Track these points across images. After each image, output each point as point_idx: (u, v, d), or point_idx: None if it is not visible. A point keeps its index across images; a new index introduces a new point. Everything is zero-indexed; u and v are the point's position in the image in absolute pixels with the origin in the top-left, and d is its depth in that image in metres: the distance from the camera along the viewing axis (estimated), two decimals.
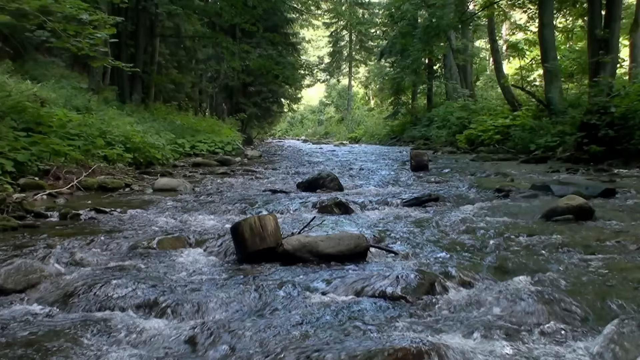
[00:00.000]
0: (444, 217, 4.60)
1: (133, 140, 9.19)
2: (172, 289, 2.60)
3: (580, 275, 2.83)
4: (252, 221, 3.22)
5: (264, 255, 3.19)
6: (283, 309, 2.38)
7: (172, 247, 3.49)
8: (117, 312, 2.39)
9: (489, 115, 18.52)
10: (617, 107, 9.87)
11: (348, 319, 2.28)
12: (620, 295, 2.46)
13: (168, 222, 4.40)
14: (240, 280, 2.78)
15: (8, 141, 6.41)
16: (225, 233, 3.66)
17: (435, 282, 2.69)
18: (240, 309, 2.41)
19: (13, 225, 4.02)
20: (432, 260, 3.21)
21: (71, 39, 7.27)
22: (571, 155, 10.61)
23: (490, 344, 2.00)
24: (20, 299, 2.59)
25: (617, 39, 13.39)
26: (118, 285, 2.60)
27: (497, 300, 2.42)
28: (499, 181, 7.14)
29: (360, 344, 1.91)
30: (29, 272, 2.80)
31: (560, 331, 2.10)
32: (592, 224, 4.21)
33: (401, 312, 2.38)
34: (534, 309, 2.28)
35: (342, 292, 2.62)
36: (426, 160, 9.66)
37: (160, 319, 2.31)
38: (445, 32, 20.33)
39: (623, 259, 3.13)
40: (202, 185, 7.30)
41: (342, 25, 49.25)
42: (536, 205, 5.10)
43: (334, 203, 5.02)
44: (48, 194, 5.65)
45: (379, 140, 29.09)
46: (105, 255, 3.32)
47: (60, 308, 2.46)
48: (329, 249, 3.20)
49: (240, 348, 1.97)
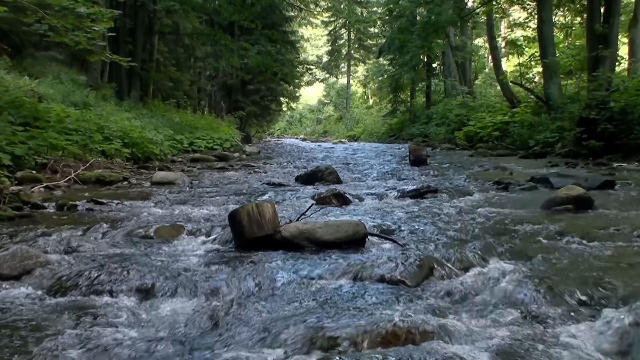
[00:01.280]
0: (443, 208, 4.59)
1: (131, 135, 9.16)
2: (169, 273, 2.58)
3: (579, 260, 2.82)
4: (250, 208, 3.19)
5: (262, 242, 3.17)
6: (280, 291, 2.37)
7: (170, 236, 3.47)
8: (114, 296, 2.37)
9: (487, 112, 18.49)
10: (616, 102, 9.85)
11: (346, 301, 2.27)
12: (620, 279, 2.44)
13: (166, 212, 4.38)
14: (238, 265, 2.76)
15: (5, 135, 6.38)
16: (223, 222, 3.64)
17: (434, 267, 2.67)
18: (238, 292, 2.39)
19: (9, 215, 3.99)
20: (432, 247, 3.19)
21: (69, 32, 7.24)
22: (570, 151, 10.58)
23: (490, 325, 1.99)
24: (15, 284, 2.56)
25: (616, 34, 13.38)
26: (115, 271, 2.58)
27: (497, 284, 2.41)
28: (498, 174, 7.12)
29: (359, 322, 1.89)
30: (25, 258, 2.78)
31: (558, 312, 2.09)
32: (592, 213, 4.20)
33: (400, 295, 2.36)
34: (532, 292, 2.27)
35: (341, 276, 2.61)
36: (425, 155, 9.64)
37: (157, 302, 2.29)
38: (444, 29, 20.30)
39: (623, 245, 3.11)
40: (200, 178, 7.28)
41: (341, 24, 49.19)
42: (535, 196, 5.08)
43: (332, 194, 5.00)
44: (45, 186, 5.63)
45: (378, 138, 29.07)
46: (101, 243, 3.30)
47: (56, 292, 2.43)
48: (327, 235, 3.18)
49: (237, 327, 1.95)
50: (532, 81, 19.44)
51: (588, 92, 11.82)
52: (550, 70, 14.59)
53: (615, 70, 13.21)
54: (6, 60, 11.03)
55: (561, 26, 22.51)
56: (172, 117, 15.86)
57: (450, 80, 25.01)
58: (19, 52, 13.65)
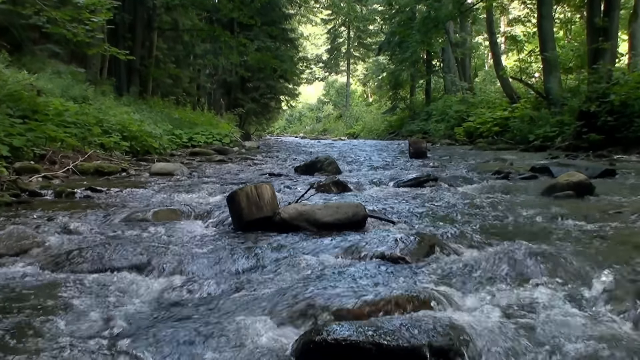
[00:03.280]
0: (444, 195, 4.57)
1: (130, 128, 9.13)
2: (167, 252, 2.55)
3: (578, 238, 2.80)
4: (249, 190, 3.17)
5: (261, 224, 3.15)
6: (277, 267, 2.34)
7: (168, 219, 3.44)
8: (111, 272, 2.34)
9: (487, 108, 18.50)
10: (617, 95, 9.83)
11: (345, 275, 2.24)
12: (618, 255, 2.42)
13: (165, 199, 4.36)
14: (235, 244, 2.74)
15: (4, 127, 6.37)
16: (222, 207, 3.62)
17: (435, 245, 2.64)
18: (234, 267, 2.37)
19: (7, 200, 3.97)
20: (432, 228, 3.17)
21: (67, 24, 7.22)
22: (570, 144, 10.56)
23: (490, 296, 1.97)
24: (12, 262, 2.53)
25: (617, 28, 13.36)
26: (112, 249, 2.55)
27: (497, 260, 2.38)
28: (498, 165, 7.10)
29: (359, 293, 1.87)
30: (22, 237, 2.75)
31: (556, 284, 2.08)
32: (593, 199, 4.18)
33: (400, 270, 2.33)
34: (531, 266, 2.25)
35: (340, 254, 2.58)
36: (424, 148, 9.62)
37: (154, 278, 2.27)
38: (444, 24, 20.27)
39: (623, 226, 3.09)
40: (199, 170, 7.25)
41: (341, 22, 49.17)
42: (536, 185, 5.07)
43: (331, 182, 4.97)
44: (43, 176, 5.60)
45: (377, 135, 29.06)
46: (99, 225, 3.27)
47: (52, 269, 2.40)
48: (327, 217, 3.15)
49: (232, 299, 1.93)
50: (532, 76, 19.42)
51: (588, 85, 11.80)
52: (550, 65, 14.57)
53: (615, 64, 13.19)
54: (5, 56, 11.01)
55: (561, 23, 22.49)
56: (172, 113, 15.84)
57: (450, 77, 24.98)
58: (18, 49, 13.64)
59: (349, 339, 1.45)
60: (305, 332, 1.55)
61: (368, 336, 1.45)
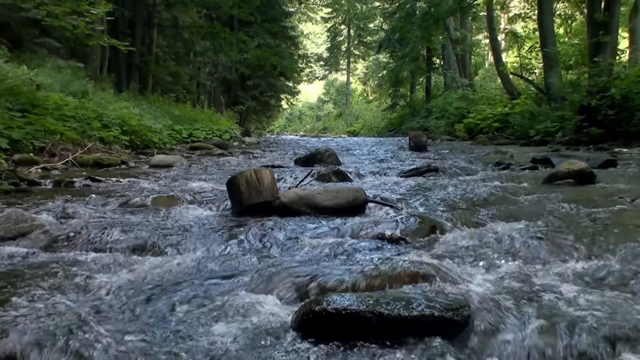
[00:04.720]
0: (444, 183, 4.55)
1: (129, 123, 9.11)
2: (164, 234, 2.55)
3: (579, 220, 2.78)
4: (248, 174, 3.15)
5: (261, 208, 3.13)
6: (279, 247, 2.34)
7: (167, 205, 3.43)
8: (109, 253, 2.34)
9: (487, 104, 18.45)
10: (617, 89, 9.80)
11: (345, 255, 2.23)
12: (619, 235, 2.40)
13: (164, 187, 4.35)
14: (234, 227, 2.73)
15: (3, 120, 6.36)
16: (222, 194, 3.60)
17: (436, 226, 2.63)
18: (233, 249, 2.36)
19: (5, 189, 3.95)
20: (433, 212, 3.15)
21: (67, 17, 7.20)
22: (571, 139, 10.52)
23: (489, 270, 1.97)
24: (11, 244, 2.52)
25: (617, 22, 13.33)
26: (110, 232, 2.55)
27: (497, 239, 2.38)
28: (499, 157, 7.08)
29: (359, 269, 1.85)
30: (20, 221, 2.73)
31: (556, 260, 2.09)
32: (594, 186, 4.16)
33: (400, 250, 2.33)
34: (531, 244, 2.25)
35: (340, 235, 2.57)
36: (425, 141, 9.61)
37: (152, 257, 2.26)
38: (444, 20, 20.23)
39: (623, 209, 3.07)
40: (199, 162, 7.23)
41: (341, 20, 49.11)
42: (537, 175, 5.06)
43: (331, 171, 4.96)
44: (42, 167, 5.58)
45: (377, 132, 29.02)
46: (98, 210, 3.26)
47: (51, 250, 2.40)
48: (327, 201, 3.14)
49: (232, 276, 1.91)
50: (532, 72, 19.39)
51: (589, 78, 11.76)
52: (551, 60, 14.54)
53: (616, 58, 13.15)
54: (4, 51, 10.99)
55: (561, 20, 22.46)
56: (171, 110, 15.81)
57: (450, 73, 24.93)
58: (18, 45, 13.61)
59: (349, 308, 1.43)
60: (305, 303, 1.53)
61: (369, 305, 1.43)
